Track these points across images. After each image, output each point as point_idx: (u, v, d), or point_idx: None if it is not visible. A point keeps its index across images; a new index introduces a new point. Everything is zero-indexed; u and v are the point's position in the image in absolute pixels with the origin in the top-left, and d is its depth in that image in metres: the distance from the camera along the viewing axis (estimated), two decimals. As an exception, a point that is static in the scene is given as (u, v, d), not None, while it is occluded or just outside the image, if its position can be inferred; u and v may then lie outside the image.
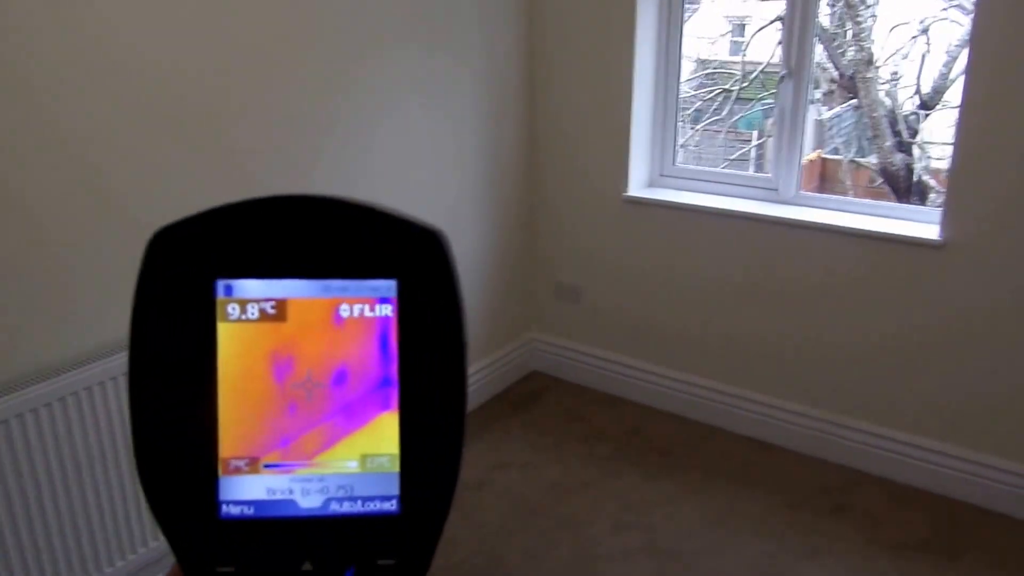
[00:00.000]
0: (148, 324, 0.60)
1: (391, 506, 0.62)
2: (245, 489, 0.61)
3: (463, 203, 3.04)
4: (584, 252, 3.34)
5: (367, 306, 0.59)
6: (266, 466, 0.60)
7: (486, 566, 2.38)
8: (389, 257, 0.60)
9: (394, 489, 0.62)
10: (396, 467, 0.61)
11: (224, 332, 0.60)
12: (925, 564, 2.40)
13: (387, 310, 0.59)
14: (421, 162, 2.81)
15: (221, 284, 0.60)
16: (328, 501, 0.61)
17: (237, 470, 0.60)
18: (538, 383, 3.50)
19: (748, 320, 3.01)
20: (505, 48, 3.07)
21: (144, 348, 0.60)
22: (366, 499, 0.61)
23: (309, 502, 0.61)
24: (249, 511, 0.61)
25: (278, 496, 0.61)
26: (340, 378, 0.60)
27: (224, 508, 0.61)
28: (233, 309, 0.60)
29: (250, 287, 0.60)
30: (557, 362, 3.53)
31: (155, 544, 2.09)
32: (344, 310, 0.59)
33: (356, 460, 0.61)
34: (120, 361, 1.90)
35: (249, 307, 0.59)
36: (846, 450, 2.87)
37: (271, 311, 0.59)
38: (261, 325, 0.60)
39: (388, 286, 0.60)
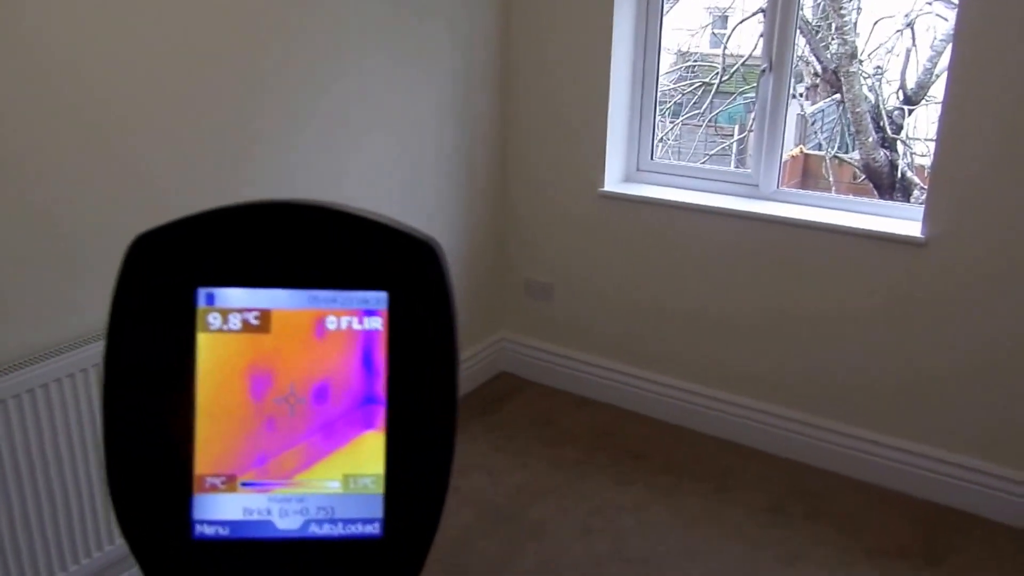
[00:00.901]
0: (125, 333, 0.58)
1: (374, 529, 0.60)
2: (220, 508, 0.59)
3: (432, 196, 2.96)
4: (557, 249, 3.27)
5: (355, 318, 0.58)
6: (244, 484, 0.59)
7: (448, 575, 2.30)
8: (379, 268, 0.58)
9: (378, 512, 0.61)
10: (380, 488, 0.60)
11: (204, 343, 0.58)
12: (905, 569, 2.36)
13: (375, 323, 0.58)
14: (391, 154, 2.73)
15: (203, 292, 0.58)
16: (307, 523, 0.60)
17: (213, 488, 0.59)
18: (507, 385, 3.42)
19: (725, 320, 2.95)
20: (478, 39, 3.00)
21: (120, 358, 0.58)
22: (347, 521, 0.60)
23: (287, 524, 0.60)
24: (224, 532, 0.59)
25: (255, 516, 0.59)
26: (320, 394, 0.58)
27: (198, 528, 0.59)
28: (214, 319, 0.58)
29: (233, 296, 0.58)
30: (527, 363, 3.45)
31: (121, 542, 2.03)
32: (330, 322, 0.58)
33: (338, 480, 0.59)
34: (88, 354, 1.85)
35: (231, 317, 0.58)
36: (824, 453, 2.83)
37: (255, 322, 0.58)
38: (243, 336, 0.58)
39: (378, 298, 0.58)
